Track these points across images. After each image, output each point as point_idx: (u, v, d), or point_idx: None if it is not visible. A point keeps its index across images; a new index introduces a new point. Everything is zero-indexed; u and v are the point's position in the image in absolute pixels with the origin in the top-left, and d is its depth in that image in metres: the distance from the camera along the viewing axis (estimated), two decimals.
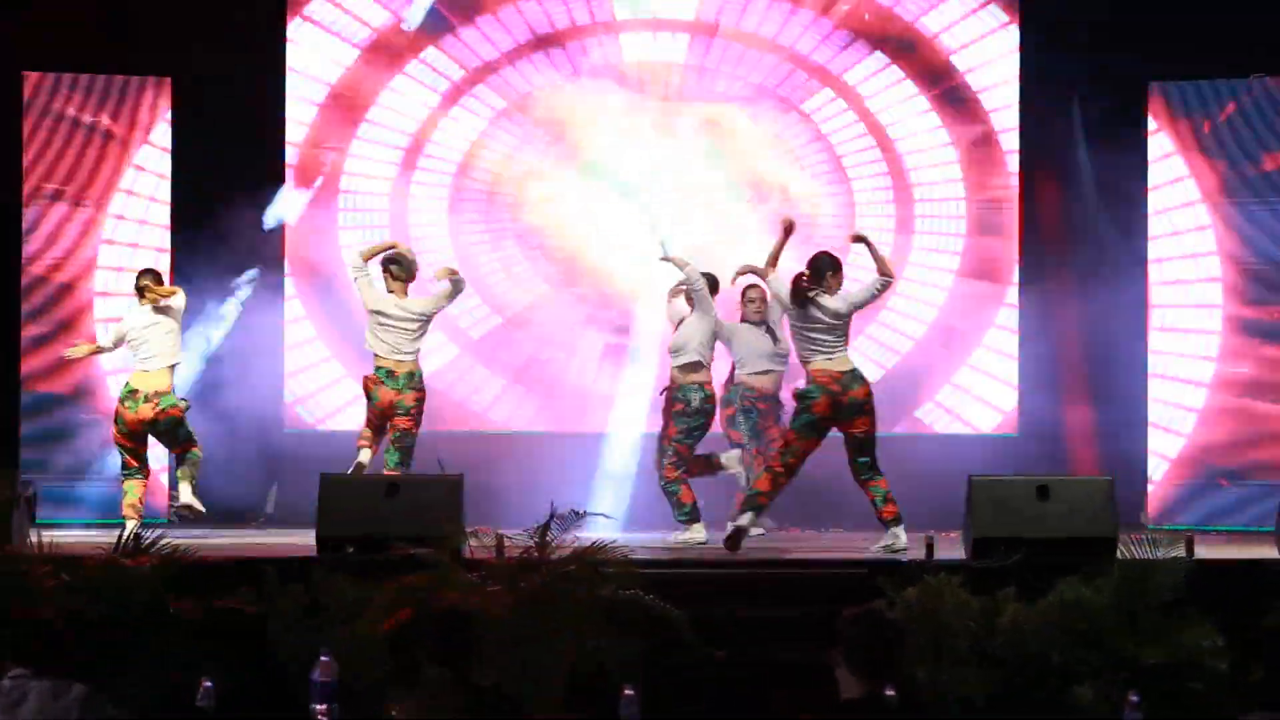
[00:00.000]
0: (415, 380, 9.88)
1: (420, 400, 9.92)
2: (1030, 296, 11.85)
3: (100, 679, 6.52)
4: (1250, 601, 7.51)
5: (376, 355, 9.88)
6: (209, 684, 5.80)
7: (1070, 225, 11.80)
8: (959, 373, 12.02)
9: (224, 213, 11.40)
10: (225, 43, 11.57)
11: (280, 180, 11.89)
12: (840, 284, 9.27)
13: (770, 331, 10.20)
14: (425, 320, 9.94)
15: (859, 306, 9.36)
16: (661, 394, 10.21)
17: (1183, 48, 11.30)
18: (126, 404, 9.79)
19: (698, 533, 9.72)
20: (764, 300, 10.06)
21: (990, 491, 8.41)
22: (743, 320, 10.31)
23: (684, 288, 10.05)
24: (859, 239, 9.58)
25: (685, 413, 9.85)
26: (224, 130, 11.65)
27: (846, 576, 8.07)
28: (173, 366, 9.86)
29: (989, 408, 11.95)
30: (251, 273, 9.71)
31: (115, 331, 9.97)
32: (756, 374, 10.26)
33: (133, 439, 9.85)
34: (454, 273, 10.04)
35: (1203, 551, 8.26)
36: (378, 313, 9.88)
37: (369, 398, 9.92)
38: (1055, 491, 8.38)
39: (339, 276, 11.68)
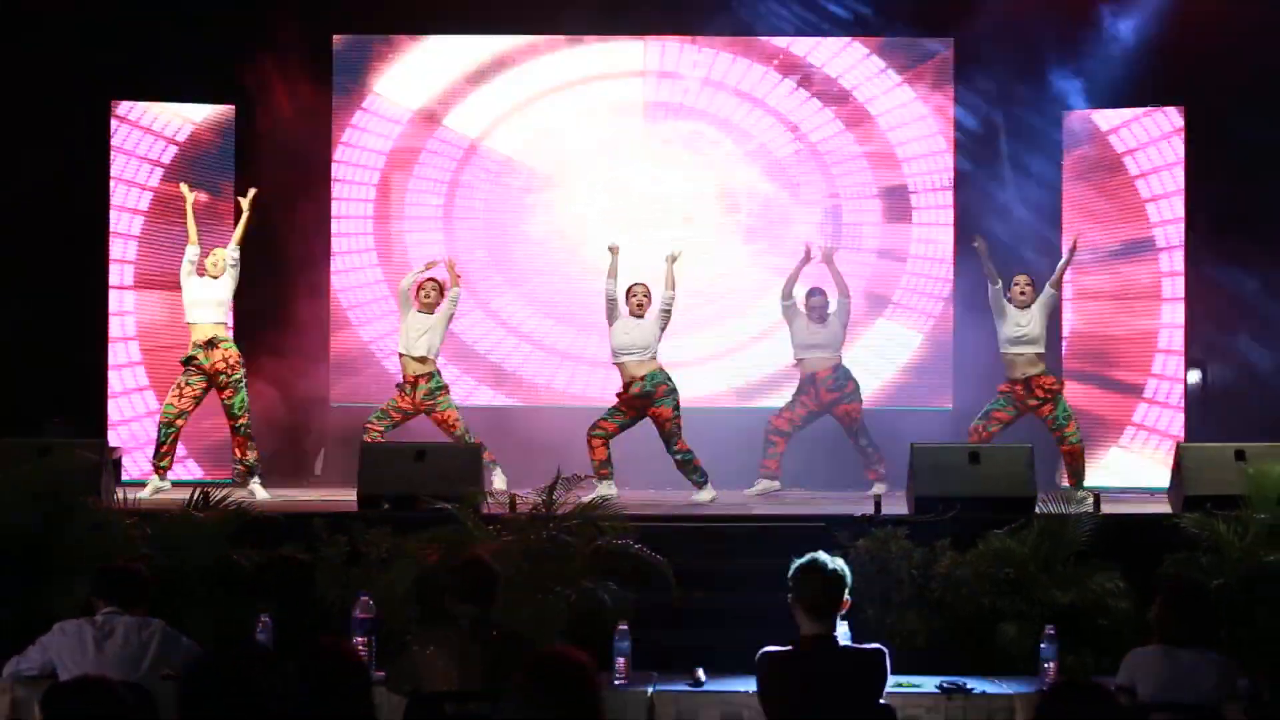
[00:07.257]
0: None
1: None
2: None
3: (176, 615, 6.62)
4: (1148, 551, 7.61)
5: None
6: (266, 619, 5.85)
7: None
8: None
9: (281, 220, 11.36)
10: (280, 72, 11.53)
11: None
12: None
13: None
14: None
15: None
16: None
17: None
18: None
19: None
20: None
21: (929, 457, 8.49)
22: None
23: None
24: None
25: None
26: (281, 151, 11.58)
27: (806, 530, 8.12)
28: None
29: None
30: None
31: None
32: None
33: None
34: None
35: (1108, 508, 8.35)
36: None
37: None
38: (984, 457, 8.46)
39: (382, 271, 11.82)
